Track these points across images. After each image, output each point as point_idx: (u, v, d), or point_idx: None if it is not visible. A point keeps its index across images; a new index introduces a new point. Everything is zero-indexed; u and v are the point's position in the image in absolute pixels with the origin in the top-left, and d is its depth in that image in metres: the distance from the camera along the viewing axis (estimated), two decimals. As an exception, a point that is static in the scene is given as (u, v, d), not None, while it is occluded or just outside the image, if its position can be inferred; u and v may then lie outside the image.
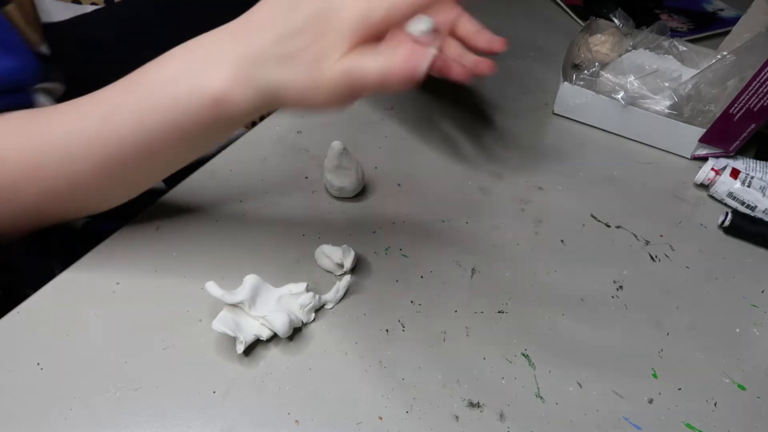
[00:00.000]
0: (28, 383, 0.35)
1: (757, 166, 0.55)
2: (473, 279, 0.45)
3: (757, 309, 0.46)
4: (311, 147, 0.55)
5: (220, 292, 0.38)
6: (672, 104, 0.59)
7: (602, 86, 0.61)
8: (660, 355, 0.42)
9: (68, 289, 0.41)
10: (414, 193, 0.52)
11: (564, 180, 0.55)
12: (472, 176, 0.54)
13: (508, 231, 0.49)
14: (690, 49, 0.68)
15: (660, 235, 0.51)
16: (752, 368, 0.41)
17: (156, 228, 0.45)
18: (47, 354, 0.37)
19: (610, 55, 0.67)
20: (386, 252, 0.46)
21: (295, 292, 0.40)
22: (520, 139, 0.60)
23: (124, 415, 0.34)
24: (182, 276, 0.42)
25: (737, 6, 0.85)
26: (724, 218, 0.51)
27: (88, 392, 0.35)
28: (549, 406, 0.38)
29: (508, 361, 0.40)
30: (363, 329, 0.41)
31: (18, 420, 0.34)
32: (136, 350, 0.38)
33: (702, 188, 0.56)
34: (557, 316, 0.43)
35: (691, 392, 0.40)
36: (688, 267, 0.48)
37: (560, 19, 0.81)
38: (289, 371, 0.38)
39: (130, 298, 0.40)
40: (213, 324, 0.37)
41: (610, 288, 0.46)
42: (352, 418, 0.36)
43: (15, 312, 0.39)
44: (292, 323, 0.38)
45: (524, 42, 0.75)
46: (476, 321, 0.42)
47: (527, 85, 0.67)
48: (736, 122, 0.54)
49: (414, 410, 0.36)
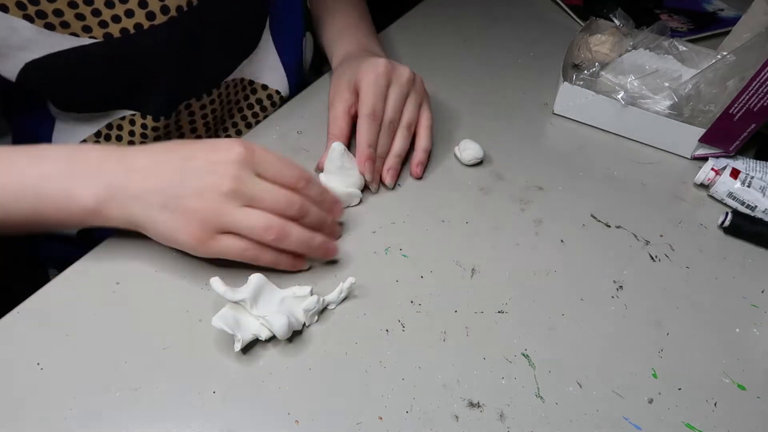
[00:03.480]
0: (28, 383, 0.35)
1: (757, 166, 0.55)
2: (473, 279, 0.45)
3: (757, 309, 0.46)
4: (311, 147, 0.55)
5: (223, 288, 0.38)
6: (672, 104, 0.59)
7: (602, 86, 0.61)
8: (660, 355, 0.42)
9: (68, 289, 0.41)
10: (414, 193, 0.52)
11: (564, 180, 0.55)
12: (472, 176, 0.54)
13: (508, 231, 0.49)
14: (690, 49, 0.68)
15: (660, 235, 0.51)
16: (752, 368, 0.41)
17: (156, 228, 0.45)
18: (47, 354, 0.37)
19: (610, 55, 0.67)
20: (386, 252, 0.46)
21: (299, 295, 0.40)
22: (520, 139, 0.60)
23: (124, 415, 0.34)
24: (182, 276, 0.42)
25: (737, 6, 0.85)
26: (724, 218, 0.51)
27: (88, 392, 0.35)
28: (549, 406, 0.38)
29: (508, 361, 0.40)
30: (363, 329, 0.41)
31: (18, 420, 0.34)
32: (136, 350, 0.38)
33: (702, 188, 0.56)
34: (557, 316, 0.43)
35: (691, 392, 0.40)
36: (688, 267, 0.48)
37: (560, 19, 0.81)
38: (289, 371, 0.38)
39: (130, 298, 0.40)
40: (213, 320, 0.37)
41: (610, 288, 0.46)
42: (352, 418, 0.36)
43: (15, 312, 0.39)
44: (291, 326, 0.38)
45: (524, 42, 0.75)
46: (476, 321, 0.42)
47: (527, 85, 0.67)
48: (736, 122, 0.54)
49: (414, 410, 0.36)
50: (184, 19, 0.46)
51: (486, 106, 0.63)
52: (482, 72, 0.68)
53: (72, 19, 0.42)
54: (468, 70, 0.69)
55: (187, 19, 0.47)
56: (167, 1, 0.45)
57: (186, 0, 0.46)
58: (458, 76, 0.67)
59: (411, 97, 0.52)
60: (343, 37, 0.62)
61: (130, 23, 0.44)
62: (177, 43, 0.47)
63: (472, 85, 0.66)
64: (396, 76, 0.51)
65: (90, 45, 0.43)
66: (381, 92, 0.50)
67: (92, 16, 0.42)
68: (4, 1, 0.40)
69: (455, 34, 0.75)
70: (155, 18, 0.44)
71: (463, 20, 0.78)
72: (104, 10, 0.43)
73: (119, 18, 0.43)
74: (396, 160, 0.51)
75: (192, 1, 0.47)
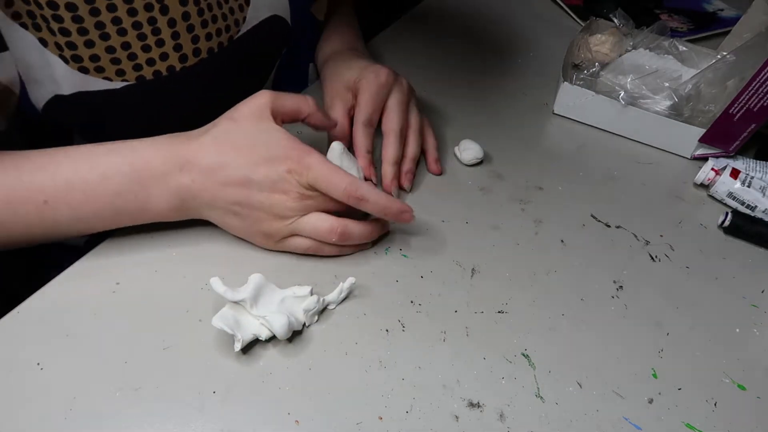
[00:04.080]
0: (28, 383, 0.35)
1: (757, 166, 0.55)
2: (473, 279, 0.45)
3: (757, 309, 0.46)
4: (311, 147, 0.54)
5: (223, 288, 0.38)
6: (672, 104, 0.59)
7: (602, 86, 0.61)
8: (660, 355, 0.42)
9: (68, 289, 0.41)
10: (414, 193, 0.52)
11: (564, 180, 0.55)
12: (472, 176, 0.54)
13: (508, 231, 0.49)
14: (690, 49, 0.68)
15: (660, 235, 0.51)
16: (752, 368, 0.41)
17: (156, 228, 0.45)
18: (47, 354, 0.37)
19: (610, 55, 0.67)
20: (386, 252, 0.46)
21: (300, 294, 0.40)
22: (520, 139, 0.60)
23: (124, 415, 0.34)
24: (182, 276, 0.42)
25: (737, 6, 0.85)
26: (724, 218, 0.51)
27: (88, 392, 0.35)
28: (549, 406, 0.38)
29: (508, 361, 0.40)
30: (363, 329, 0.41)
31: (18, 420, 0.34)
32: (136, 350, 0.38)
33: (702, 188, 0.56)
34: (557, 316, 0.43)
35: (691, 392, 0.40)
36: (688, 267, 0.48)
37: (560, 19, 0.81)
38: (289, 371, 0.38)
39: (130, 298, 0.40)
40: (213, 320, 0.37)
41: (610, 288, 0.46)
42: (352, 418, 0.36)
43: (15, 312, 0.39)
44: (291, 326, 0.38)
45: (524, 42, 0.75)
46: (476, 321, 0.42)
47: (527, 85, 0.67)
48: (736, 122, 0.54)
49: (414, 410, 0.36)
50: (214, 61, 0.47)
51: (486, 106, 0.63)
52: (482, 72, 0.68)
53: (107, 64, 0.42)
54: (468, 70, 0.69)
55: (217, 61, 0.47)
56: (200, 44, 0.45)
57: (217, 42, 0.47)
58: (458, 76, 0.67)
59: (412, 105, 0.54)
60: (331, 36, 0.63)
61: (163, 66, 0.44)
62: (203, 84, 0.48)
63: (472, 85, 0.66)
64: (396, 86, 0.52)
65: (121, 88, 0.43)
66: (380, 103, 0.51)
67: (128, 60, 0.42)
68: (45, 36, 0.39)
69: (455, 34, 0.75)
70: (187, 60, 0.45)
71: (463, 20, 0.78)
72: (140, 54, 0.42)
73: (154, 61, 0.43)
74: (412, 164, 0.52)
75: (223, 42, 0.47)
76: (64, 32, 0.39)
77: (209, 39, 0.46)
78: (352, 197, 0.40)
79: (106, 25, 0.40)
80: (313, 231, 0.42)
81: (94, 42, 0.40)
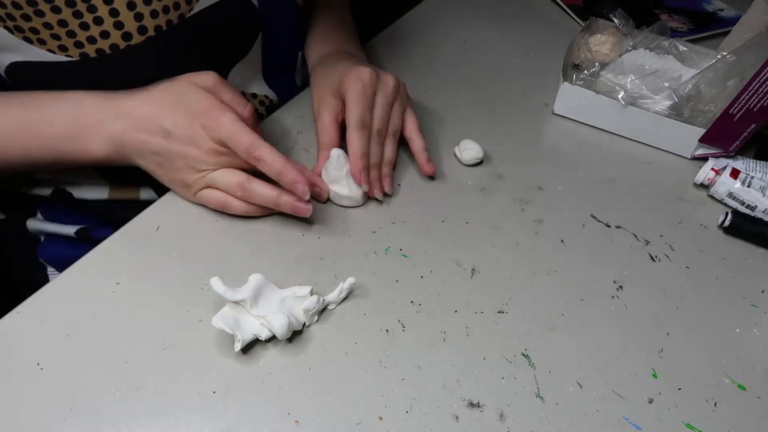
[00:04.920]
0: (28, 383, 0.35)
1: (757, 166, 0.55)
2: (473, 279, 0.45)
3: (757, 309, 0.46)
4: (311, 147, 0.55)
5: (223, 288, 0.38)
6: (672, 104, 0.59)
7: (602, 86, 0.61)
8: (660, 355, 0.42)
9: (68, 289, 0.41)
10: (414, 193, 0.52)
11: (564, 180, 0.55)
12: (472, 176, 0.54)
13: (508, 231, 0.49)
14: (690, 49, 0.68)
15: (660, 235, 0.51)
16: (752, 368, 0.41)
17: (156, 228, 0.45)
18: (47, 354, 0.37)
19: (610, 55, 0.67)
20: (386, 252, 0.46)
21: (300, 294, 0.40)
22: (520, 139, 0.60)
23: (124, 415, 0.35)
24: (182, 276, 0.42)
25: (737, 6, 0.85)
26: (724, 218, 0.51)
27: (88, 392, 0.35)
28: (549, 406, 0.38)
29: (508, 361, 0.40)
30: (363, 329, 0.41)
31: (18, 420, 0.34)
32: (136, 350, 0.38)
33: (702, 188, 0.56)
34: (557, 316, 0.43)
35: (691, 392, 0.40)
36: (688, 267, 0.48)
37: (560, 19, 0.82)
38: (289, 371, 0.38)
39: (130, 298, 0.40)
40: (213, 320, 0.37)
41: (610, 288, 0.46)
42: (352, 418, 0.36)
43: (15, 312, 0.39)
44: (291, 326, 0.38)
45: (524, 42, 0.75)
46: (476, 321, 0.42)
47: (527, 85, 0.67)
48: (736, 122, 0.54)
49: (414, 410, 0.36)
50: (162, 39, 0.46)
51: (486, 106, 0.63)
52: (482, 72, 0.68)
53: (48, 38, 0.42)
54: (468, 70, 0.69)
55: (166, 39, 0.46)
56: (145, 22, 0.44)
57: (165, 20, 0.46)
58: (458, 76, 0.67)
59: (396, 105, 0.53)
60: (320, 39, 0.62)
61: (105, 44, 0.44)
62: (153, 62, 0.47)
63: (472, 85, 0.66)
64: (381, 85, 0.51)
65: (68, 62, 0.43)
66: (368, 102, 0.50)
67: (67, 37, 0.42)
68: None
69: (455, 34, 0.75)
70: (132, 38, 0.44)
71: (463, 20, 0.78)
72: (79, 32, 0.42)
73: (95, 39, 0.43)
74: (389, 168, 0.51)
75: (172, 20, 0.46)
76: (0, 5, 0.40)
77: (155, 16, 0.45)
78: (252, 156, 0.43)
79: (39, 3, 0.41)
80: (223, 184, 0.45)
81: (30, 17, 0.41)
